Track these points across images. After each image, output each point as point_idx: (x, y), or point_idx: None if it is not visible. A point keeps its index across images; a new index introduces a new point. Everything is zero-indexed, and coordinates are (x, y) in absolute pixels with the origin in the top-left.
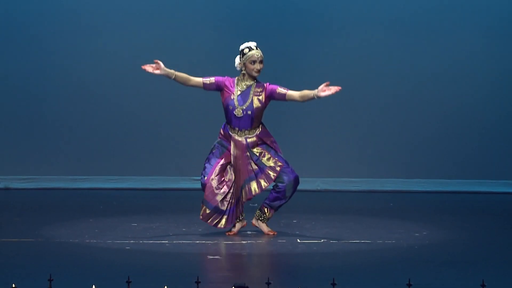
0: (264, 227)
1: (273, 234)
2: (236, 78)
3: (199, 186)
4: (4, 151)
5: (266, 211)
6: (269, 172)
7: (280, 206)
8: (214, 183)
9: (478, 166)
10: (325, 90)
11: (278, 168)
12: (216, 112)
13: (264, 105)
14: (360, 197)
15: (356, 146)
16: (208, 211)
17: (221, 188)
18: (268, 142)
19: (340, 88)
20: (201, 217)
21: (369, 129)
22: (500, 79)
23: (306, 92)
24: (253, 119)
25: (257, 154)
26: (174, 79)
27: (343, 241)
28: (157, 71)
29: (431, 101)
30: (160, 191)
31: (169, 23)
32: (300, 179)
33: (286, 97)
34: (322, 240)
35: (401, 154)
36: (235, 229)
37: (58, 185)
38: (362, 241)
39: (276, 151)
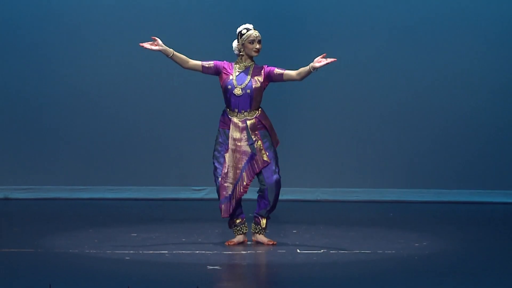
0: (262, 238)
1: (273, 244)
2: (235, 62)
3: (198, 196)
4: (3, 161)
5: (259, 222)
6: (257, 161)
7: (268, 212)
8: (223, 180)
9: (477, 176)
10: (321, 61)
11: (261, 164)
12: (216, 123)
13: (263, 85)
14: (359, 207)
15: (355, 156)
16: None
17: (228, 181)
18: (267, 127)
19: (335, 59)
20: (225, 215)
21: (368, 139)
22: (499, 89)
23: (302, 69)
24: (252, 99)
25: (253, 139)
26: (172, 57)
27: (343, 251)
28: (155, 47)
29: (430, 111)
30: (160, 201)
31: (170, 34)
32: (300, 189)
33: (284, 77)
34: (322, 250)
35: (400, 164)
36: (235, 240)
37: (57, 195)
38: (362, 251)
39: (271, 143)
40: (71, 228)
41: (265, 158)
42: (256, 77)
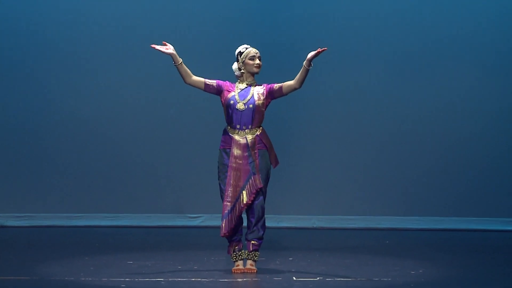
0: (247, 264)
1: (252, 271)
2: (237, 82)
3: (194, 223)
4: None
5: (247, 247)
6: (254, 181)
7: (251, 233)
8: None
9: (474, 204)
10: (312, 53)
11: (256, 186)
12: (212, 151)
13: (266, 102)
14: (356, 234)
15: (351, 184)
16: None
17: (228, 200)
18: (267, 146)
19: (326, 48)
20: (224, 233)
21: (364, 167)
22: (495, 118)
23: (298, 74)
24: (254, 114)
25: (252, 157)
26: (179, 66)
27: (339, 279)
28: (167, 51)
29: (427, 139)
30: (156, 229)
31: (166, 59)
32: (296, 217)
33: (283, 89)
34: (318, 278)
35: (397, 192)
36: (240, 267)
37: (53, 222)
38: (358, 278)
39: (265, 164)
40: (67, 255)
41: (257, 182)
42: (258, 93)
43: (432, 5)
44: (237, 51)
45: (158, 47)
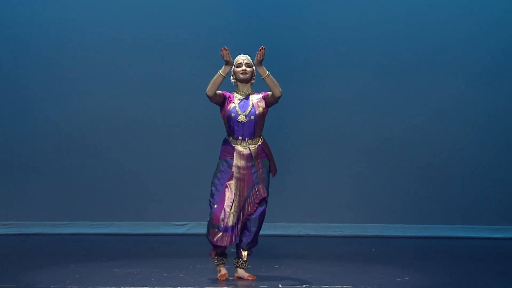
0: (243, 273)
1: (253, 279)
2: (234, 91)
3: (180, 231)
4: None
5: (241, 255)
6: (258, 191)
7: (249, 244)
8: (227, 209)
9: (460, 212)
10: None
11: (259, 196)
12: (198, 158)
13: (265, 111)
14: (342, 242)
15: (338, 192)
16: (220, 234)
17: (230, 209)
18: (269, 155)
19: (263, 47)
20: (211, 238)
21: (350, 175)
22: (482, 127)
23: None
24: (256, 125)
25: (256, 167)
26: (224, 76)
27: (325, 286)
28: (228, 59)
29: (412, 147)
30: (142, 236)
31: (156, 68)
32: (282, 225)
33: (269, 97)
34: (304, 286)
35: (383, 200)
36: (223, 273)
37: (39, 230)
38: (344, 286)
39: (268, 173)
40: (53, 263)
41: (261, 192)
42: (258, 103)
43: (426, 13)
44: None
45: (226, 52)
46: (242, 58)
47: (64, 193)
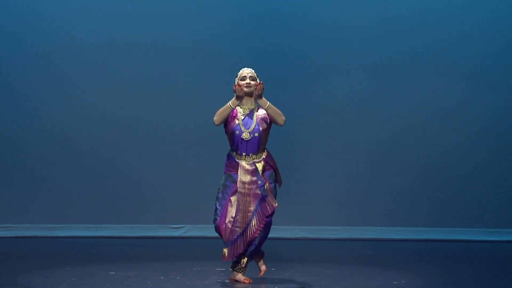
0: (240, 276)
1: (249, 282)
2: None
3: (177, 234)
4: None
5: (240, 261)
6: (268, 204)
7: (251, 252)
8: (228, 224)
9: (456, 214)
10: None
11: (270, 209)
12: (194, 161)
13: (269, 126)
14: (338, 245)
15: (334, 194)
16: (225, 250)
17: (237, 225)
18: (274, 167)
19: (261, 82)
20: (225, 259)
21: (347, 177)
22: (477, 130)
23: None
24: (260, 141)
25: (263, 181)
26: (233, 105)
27: None
28: (241, 94)
29: (409, 151)
30: (138, 239)
31: (152, 71)
32: (279, 227)
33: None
34: None
35: (379, 202)
36: (242, 278)
37: (35, 233)
38: None
39: (275, 184)
40: (49, 266)
41: (272, 203)
42: (261, 119)
43: (425, 15)
44: None
45: (240, 89)
46: (247, 72)
47: (61, 196)
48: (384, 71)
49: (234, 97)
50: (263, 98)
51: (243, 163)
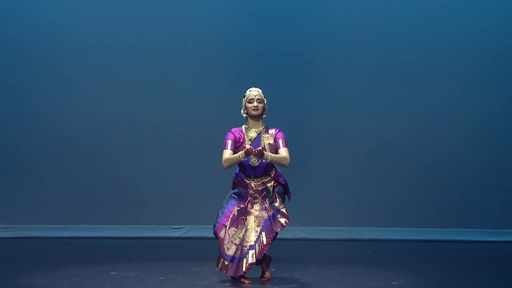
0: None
1: (249, 282)
2: (243, 126)
3: (177, 234)
4: None
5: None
6: (279, 221)
7: (253, 256)
8: (231, 232)
9: (455, 215)
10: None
11: (280, 227)
12: (193, 162)
13: (276, 148)
14: (338, 245)
15: (334, 195)
16: (226, 263)
17: (237, 238)
18: (284, 183)
19: (258, 148)
20: (218, 268)
21: (347, 178)
22: (476, 131)
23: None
24: (268, 165)
25: (273, 197)
26: (242, 158)
27: None
28: (252, 153)
29: (409, 152)
30: (139, 240)
31: (152, 72)
32: None
33: (278, 152)
34: None
35: (379, 203)
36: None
37: (36, 233)
38: None
39: (284, 198)
40: (50, 266)
41: (282, 221)
42: (268, 143)
43: (424, 16)
44: None
45: (252, 150)
46: (254, 94)
47: (61, 196)
48: (384, 72)
49: (244, 151)
50: (264, 155)
51: (253, 183)
